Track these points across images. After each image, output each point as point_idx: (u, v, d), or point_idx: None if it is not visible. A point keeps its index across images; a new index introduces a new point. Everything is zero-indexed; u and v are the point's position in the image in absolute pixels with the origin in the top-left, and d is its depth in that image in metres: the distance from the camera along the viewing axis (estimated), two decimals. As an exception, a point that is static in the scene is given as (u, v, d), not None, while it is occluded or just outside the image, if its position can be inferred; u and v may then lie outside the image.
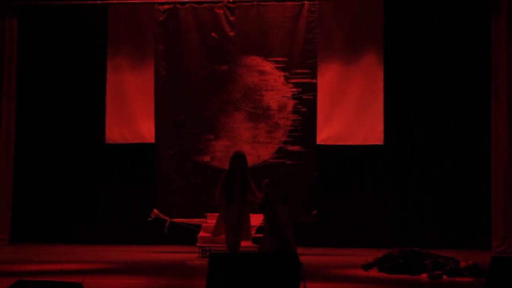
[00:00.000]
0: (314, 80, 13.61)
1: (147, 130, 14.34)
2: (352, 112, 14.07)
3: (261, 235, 10.31)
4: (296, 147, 13.57)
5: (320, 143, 13.86)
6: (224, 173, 10.27)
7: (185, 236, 13.55)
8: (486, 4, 13.76)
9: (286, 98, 13.69)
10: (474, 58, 14.14)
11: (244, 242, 10.28)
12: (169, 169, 13.80)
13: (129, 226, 14.55)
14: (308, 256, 11.75)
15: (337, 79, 14.17)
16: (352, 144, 14.16)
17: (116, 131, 14.69)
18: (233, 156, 10.30)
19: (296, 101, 13.63)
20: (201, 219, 13.12)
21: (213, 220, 10.98)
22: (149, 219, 13.67)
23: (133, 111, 14.61)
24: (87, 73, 15.14)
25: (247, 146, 13.44)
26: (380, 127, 14.00)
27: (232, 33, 13.83)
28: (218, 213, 10.32)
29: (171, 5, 14.05)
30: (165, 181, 13.79)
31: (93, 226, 14.86)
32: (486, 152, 13.73)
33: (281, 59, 13.71)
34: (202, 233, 12.84)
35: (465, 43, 14.24)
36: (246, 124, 13.77)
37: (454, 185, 14.19)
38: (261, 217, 10.93)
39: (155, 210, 13.68)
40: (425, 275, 9.97)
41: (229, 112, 13.82)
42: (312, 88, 13.58)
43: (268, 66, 13.78)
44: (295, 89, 13.64)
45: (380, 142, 14.04)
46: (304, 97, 13.59)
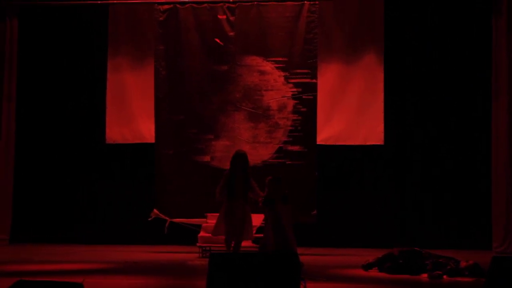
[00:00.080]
0: (314, 80, 13.61)
1: (147, 130, 14.34)
2: (352, 112, 14.07)
3: (261, 235, 10.31)
4: (296, 147, 13.57)
5: (320, 143, 13.86)
6: (227, 171, 10.30)
7: (185, 236, 13.55)
8: (486, 4, 13.77)
9: (286, 98, 13.69)
10: (474, 58, 14.15)
11: (244, 242, 10.29)
12: (169, 169, 13.80)
13: (129, 226, 14.55)
14: (308, 256, 11.74)
15: (337, 79, 14.17)
16: (352, 144, 14.15)
17: (116, 131, 14.69)
18: (234, 155, 10.34)
19: (296, 101, 13.62)
20: (201, 219, 13.11)
21: (213, 220, 10.98)
22: (149, 219, 13.67)
23: (133, 111, 14.61)
24: (87, 73, 15.14)
25: (247, 146, 13.42)
26: (380, 127, 13.99)
27: (232, 33, 13.83)
28: (219, 213, 10.33)
29: (171, 5, 14.04)
30: (165, 181, 13.78)
31: (93, 226, 14.86)
32: (486, 152, 13.73)
33: (281, 59, 13.71)
34: (202, 233, 12.83)
35: (465, 43, 14.24)
36: (246, 124, 13.77)
37: (454, 185, 14.19)
38: (261, 217, 10.93)
39: (155, 210, 13.68)
40: (425, 275, 9.95)
41: (229, 112, 13.82)
42: (312, 88, 13.58)
43: (268, 66, 13.77)
44: (295, 89, 13.64)
45: (380, 142, 14.04)
46: (304, 97, 13.59)
